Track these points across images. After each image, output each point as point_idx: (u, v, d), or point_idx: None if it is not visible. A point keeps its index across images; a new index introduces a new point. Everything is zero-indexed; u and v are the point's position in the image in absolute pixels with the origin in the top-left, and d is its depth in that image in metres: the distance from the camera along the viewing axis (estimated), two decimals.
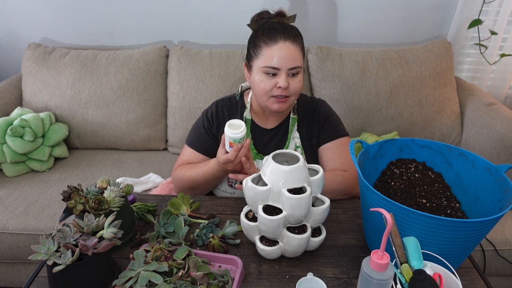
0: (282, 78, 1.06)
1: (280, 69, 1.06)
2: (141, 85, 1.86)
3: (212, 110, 1.23)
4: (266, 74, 1.08)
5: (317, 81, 1.85)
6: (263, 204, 0.86)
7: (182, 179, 1.19)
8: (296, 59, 1.07)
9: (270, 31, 1.07)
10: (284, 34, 1.06)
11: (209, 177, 1.14)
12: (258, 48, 1.09)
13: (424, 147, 1.04)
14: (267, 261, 0.92)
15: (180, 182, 1.21)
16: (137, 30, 2.04)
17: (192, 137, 1.25)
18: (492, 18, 1.89)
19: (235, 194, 1.22)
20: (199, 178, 1.16)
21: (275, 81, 1.07)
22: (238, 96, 1.25)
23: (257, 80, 1.09)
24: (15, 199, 1.53)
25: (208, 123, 1.23)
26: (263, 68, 1.07)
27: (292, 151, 0.90)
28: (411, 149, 1.05)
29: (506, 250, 1.38)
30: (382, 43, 2.05)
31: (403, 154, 1.06)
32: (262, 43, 1.08)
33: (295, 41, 1.08)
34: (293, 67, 1.07)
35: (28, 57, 1.89)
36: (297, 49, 1.08)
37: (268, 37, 1.07)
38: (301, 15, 1.98)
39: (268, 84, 1.08)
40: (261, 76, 1.08)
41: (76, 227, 0.81)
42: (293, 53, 1.07)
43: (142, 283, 0.77)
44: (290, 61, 1.06)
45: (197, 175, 1.16)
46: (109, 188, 0.94)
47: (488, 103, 1.75)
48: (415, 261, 0.78)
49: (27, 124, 1.68)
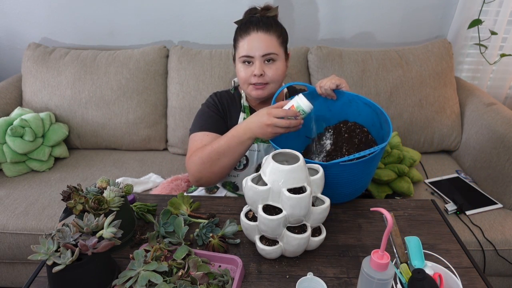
0: (256, 66, 1.14)
1: (253, 56, 1.14)
2: (141, 85, 1.86)
3: (213, 98, 1.29)
4: (243, 63, 1.17)
5: (317, 81, 1.84)
6: (263, 204, 0.86)
7: (201, 157, 1.11)
8: (269, 46, 1.14)
9: (245, 25, 1.17)
10: (256, 25, 1.15)
11: (233, 141, 1.07)
12: (236, 42, 1.20)
13: (366, 105, 1.14)
14: (267, 261, 0.92)
15: (199, 161, 1.11)
16: (137, 30, 2.04)
17: (199, 123, 1.23)
18: (492, 18, 1.89)
19: (238, 177, 1.26)
20: (222, 146, 1.08)
21: (252, 69, 1.16)
22: (232, 90, 1.32)
23: (238, 70, 1.20)
24: (15, 199, 1.53)
25: (215, 107, 1.27)
26: (240, 58, 1.17)
27: (292, 151, 0.90)
28: (358, 104, 1.16)
29: (506, 250, 1.37)
30: (382, 43, 2.05)
31: (352, 105, 1.17)
32: (238, 37, 1.19)
33: (268, 30, 1.15)
34: (265, 53, 1.14)
35: (28, 57, 1.89)
36: (270, 37, 1.15)
37: (243, 31, 1.17)
38: (301, 15, 1.98)
39: (245, 72, 1.17)
40: (240, 66, 1.18)
41: (75, 227, 0.81)
42: (266, 41, 1.14)
43: (142, 283, 0.77)
44: (262, 49, 1.14)
45: (219, 145, 1.09)
46: (109, 188, 0.94)
47: (488, 103, 1.75)
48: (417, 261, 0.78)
49: (27, 124, 1.68)
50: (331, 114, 1.21)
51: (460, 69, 2.06)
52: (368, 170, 1.04)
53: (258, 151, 1.24)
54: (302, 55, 1.88)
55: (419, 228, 1.03)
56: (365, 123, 1.16)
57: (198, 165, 1.11)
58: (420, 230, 1.02)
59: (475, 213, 1.46)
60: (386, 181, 1.50)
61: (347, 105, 1.18)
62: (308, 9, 1.97)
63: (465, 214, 1.45)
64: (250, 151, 1.24)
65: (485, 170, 1.62)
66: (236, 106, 1.29)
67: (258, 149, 1.24)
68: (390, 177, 1.50)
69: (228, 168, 1.13)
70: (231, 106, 1.28)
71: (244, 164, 1.25)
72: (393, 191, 1.54)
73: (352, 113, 1.18)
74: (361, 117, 1.17)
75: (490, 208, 1.49)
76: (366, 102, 1.13)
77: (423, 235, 1.00)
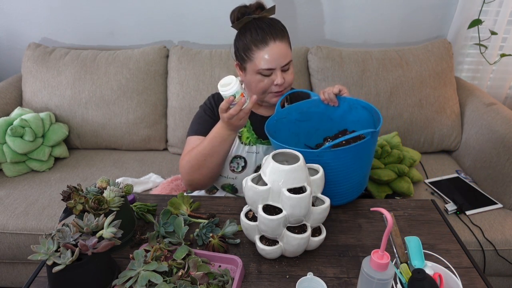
0: (278, 76, 1.13)
1: (275, 68, 1.12)
2: (141, 85, 1.86)
3: (210, 101, 1.28)
4: (261, 74, 1.14)
5: (317, 81, 1.85)
6: (263, 204, 0.86)
7: (189, 161, 1.14)
8: (287, 55, 1.13)
9: (258, 33, 1.11)
10: (272, 34, 1.11)
11: (215, 140, 1.09)
12: (249, 52, 1.13)
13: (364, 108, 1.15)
14: (267, 261, 0.92)
15: (188, 165, 1.15)
16: (137, 30, 2.04)
17: (195, 127, 1.25)
18: (492, 18, 1.89)
19: (237, 179, 1.25)
20: (206, 148, 1.11)
21: (271, 79, 1.14)
22: None
23: (255, 81, 1.15)
24: (15, 199, 1.53)
25: (210, 110, 1.26)
26: (259, 70, 1.12)
27: (292, 151, 0.90)
28: (357, 109, 1.17)
29: (506, 250, 1.37)
30: (382, 43, 2.05)
31: (352, 112, 1.19)
32: (253, 46, 1.12)
33: (283, 38, 1.13)
34: (286, 63, 1.13)
35: (28, 57, 1.89)
36: (286, 45, 1.14)
37: (258, 40, 1.11)
38: (301, 15, 1.98)
39: (265, 83, 1.15)
40: (258, 77, 1.14)
41: (75, 227, 0.81)
42: (284, 51, 1.12)
43: (142, 283, 0.77)
44: (282, 59, 1.12)
45: (204, 146, 1.11)
46: (109, 188, 0.94)
47: (488, 103, 1.75)
48: (417, 261, 0.78)
49: (27, 124, 1.68)
50: (332, 123, 1.24)
51: (460, 69, 2.06)
52: (362, 160, 1.03)
53: (257, 153, 1.24)
54: (302, 55, 1.88)
55: (419, 228, 1.03)
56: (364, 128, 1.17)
57: (187, 168, 1.15)
58: (420, 230, 1.02)
59: (475, 213, 1.46)
60: (386, 181, 1.50)
61: (347, 112, 1.20)
62: (308, 9, 1.97)
63: (465, 214, 1.45)
64: (248, 153, 1.23)
65: (485, 170, 1.62)
66: None
67: (256, 151, 1.24)
68: (390, 177, 1.50)
69: (217, 168, 1.15)
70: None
71: (243, 166, 1.24)
72: (393, 191, 1.54)
73: (352, 120, 1.20)
74: (360, 123, 1.18)
75: (490, 208, 1.49)
76: (364, 105, 1.15)
77: (423, 235, 1.00)
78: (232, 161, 1.23)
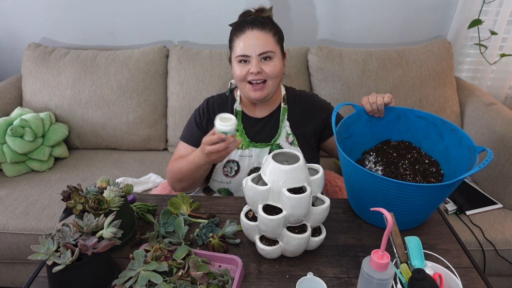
0: (252, 64, 1.14)
1: (250, 55, 1.14)
2: (141, 85, 1.86)
3: (203, 106, 1.30)
4: (240, 62, 1.16)
5: (317, 81, 1.85)
6: (263, 204, 0.86)
7: (171, 171, 1.23)
8: (265, 44, 1.14)
9: (240, 24, 1.17)
10: (251, 24, 1.15)
11: (192, 165, 1.15)
12: (231, 42, 1.20)
13: (421, 118, 1.10)
14: (267, 261, 0.92)
15: (169, 175, 1.24)
16: (137, 30, 2.04)
17: (185, 132, 1.30)
18: (492, 18, 1.89)
19: (231, 184, 1.25)
20: (183, 168, 1.18)
21: (248, 67, 1.15)
22: (228, 92, 1.31)
23: (234, 69, 1.19)
24: (15, 199, 1.53)
25: (200, 117, 1.28)
26: (236, 58, 1.16)
27: (292, 151, 0.90)
28: (409, 118, 1.11)
29: (506, 250, 1.37)
30: (382, 43, 2.05)
31: (401, 121, 1.12)
32: (234, 37, 1.18)
33: (263, 28, 1.15)
34: (262, 51, 1.13)
35: (28, 57, 1.89)
36: (266, 35, 1.15)
37: (238, 30, 1.17)
38: (301, 15, 1.98)
39: (242, 70, 1.16)
40: (237, 65, 1.17)
41: (75, 227, 0.81)
42: (262, 39, 1.14)
43: (142, 283, 0.77)
44: (258, 47, 1.13)
45: (182, 165, 1.18)
46: (109, 188, 0.94)
47: (488, 103, 1.75)
48: (417, 261, 0.78)
49: (27, 124, 1.68)
50: (372, 134, 1.15)
51: (460, 69, 2.06)
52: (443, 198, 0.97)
53: (250, 156, 1.23)
54: (302, 55, 1.88)
55: (419, 228, 1.03)
56: (415, 138, 1.11)
57: (169, 178, 1.25)
58: (420, 230, 1.02)
59: (475, 213, 1.46)
60: None
61: (393, 122, 1.12)
62: (308, 9, 1.97)
63: (465, 214, 1.45)
64: (241, 156, 1.23)
65: (485, 170, 1.62)
66: (227, 109, 1.27)
67: (249, 154, 1.23)
68: None
69: (197, 182, 1.22)
70: (222, 110, 1.27)
71: (236, 171, 1.24)
72: None
73: (398, 130, 1.13)
74: (409, 133, 1.12)
75: (490, 208, 1.49)
76: (420, 115, 1.09)
77: (423, 235, 1.00)
78: (225, 166, 1.24)
